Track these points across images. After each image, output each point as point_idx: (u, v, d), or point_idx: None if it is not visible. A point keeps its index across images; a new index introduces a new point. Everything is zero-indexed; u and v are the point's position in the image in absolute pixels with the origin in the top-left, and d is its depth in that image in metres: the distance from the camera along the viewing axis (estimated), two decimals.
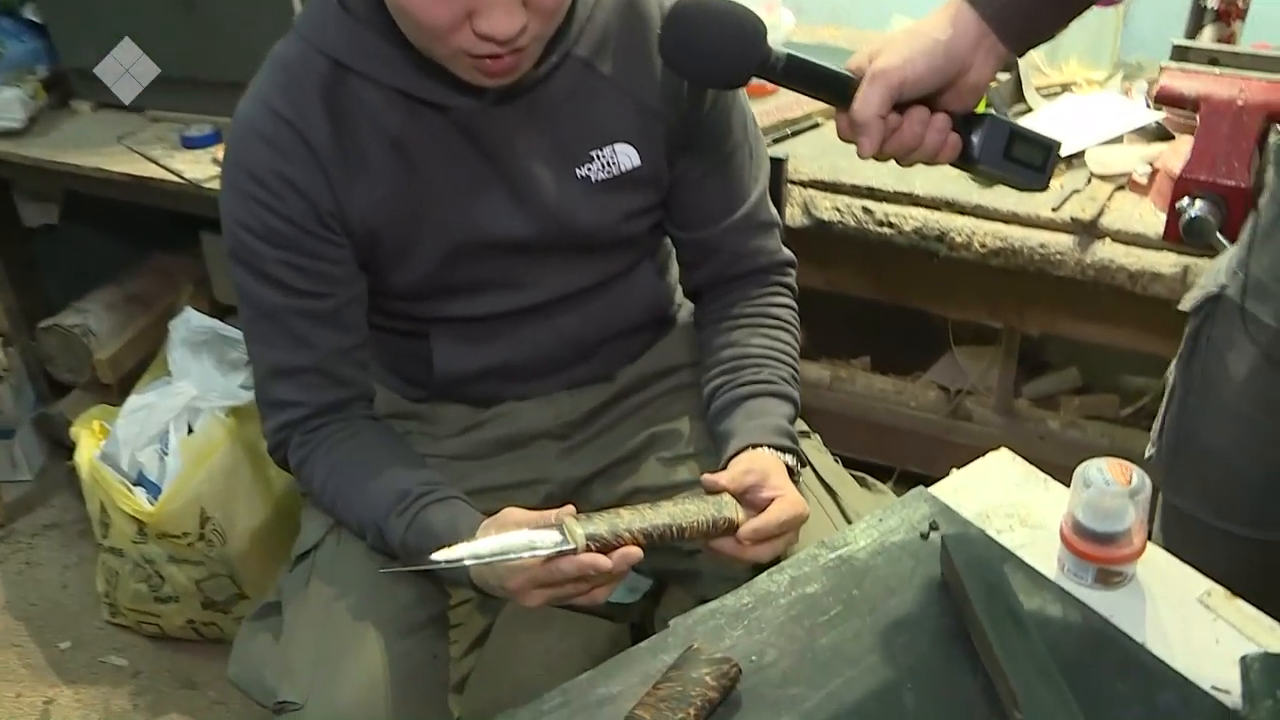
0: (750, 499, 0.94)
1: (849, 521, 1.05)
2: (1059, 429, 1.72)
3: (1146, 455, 1.03)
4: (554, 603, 0.90)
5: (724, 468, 0.99)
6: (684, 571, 1.12)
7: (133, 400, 1.70)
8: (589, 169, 0.99)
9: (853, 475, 1.14)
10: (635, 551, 0.86)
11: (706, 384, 1.09)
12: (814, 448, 1.15)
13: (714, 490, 0.94)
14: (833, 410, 1.81)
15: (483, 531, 0.90)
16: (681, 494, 1.02)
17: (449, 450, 1.12)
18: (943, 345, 1.89)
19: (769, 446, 1.00)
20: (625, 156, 1.00)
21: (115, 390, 1.95)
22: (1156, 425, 1.02)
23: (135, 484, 1.66)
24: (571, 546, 0.84)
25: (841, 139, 0.80)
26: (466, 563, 0.83)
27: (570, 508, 0.88)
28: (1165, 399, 1.01)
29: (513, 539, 0.84)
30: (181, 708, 1.67)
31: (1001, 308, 1.56)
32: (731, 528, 0.92)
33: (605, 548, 0.85)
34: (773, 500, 0.94)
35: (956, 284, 1.55)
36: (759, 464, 0.96)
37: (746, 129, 1.06)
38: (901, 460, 1.83)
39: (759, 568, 0.92)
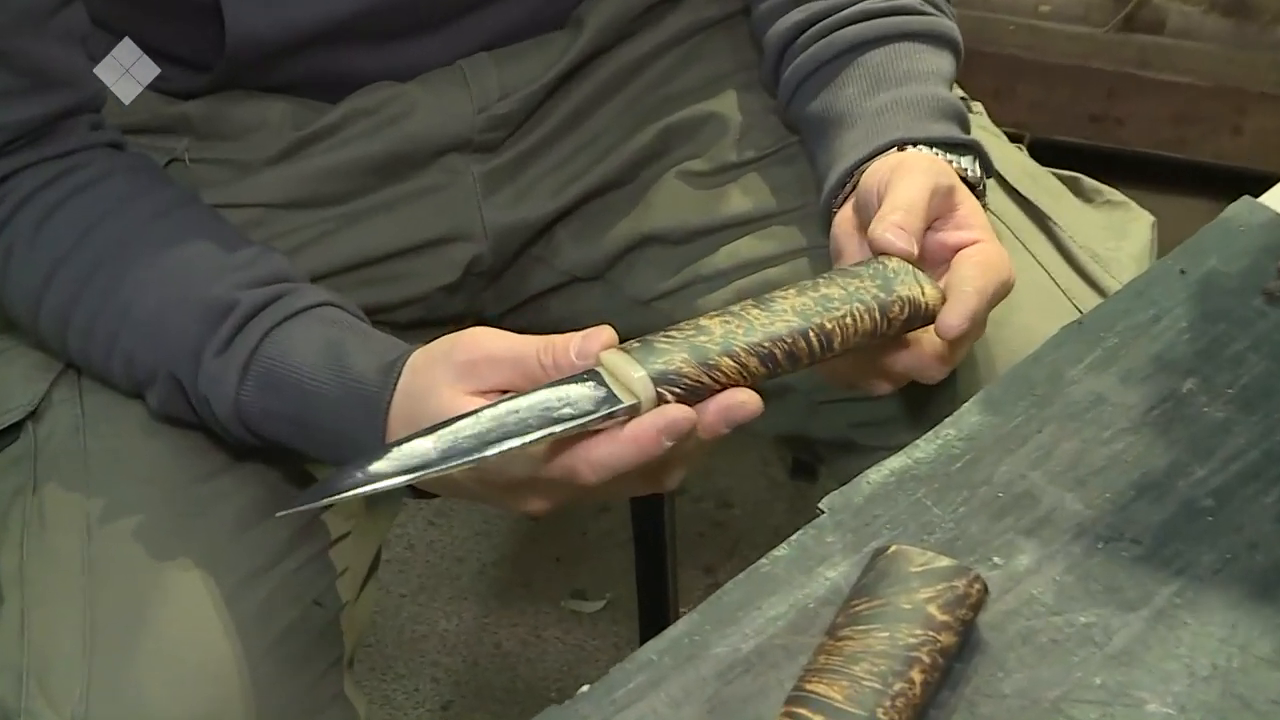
0: (925, 247, 0.88)
1: (1084, 278, 1.00)
2: None
3: None
4: (574, 504, 0.86)
5: (846, 191, 0.94)
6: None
7: None
8: None
9: (1056, 175, 1.09)
10: (751, 400, 0.80)
11: (768, 15, 1.04)
12: (983, 130, 1.09)
13: (881, 247, 0.86)
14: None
15: (416, 379, 0.85)
16: (774, 266, 1.02)
17: (267, 192, 1.04)
18: None
19: (931, 145, 0.93)
20: None
21: None
22: None
23: None
24: (629, 404, 0.77)
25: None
26: (435, 473, 0.76)
27: (607, 332, 0.81)
28: None
29: (520, 407, 0.76)
30: None
31: None
32: (916, 315, 0.84)
33: (688, 393, 0.78)
34: (967, 249, 0.88)
35: None
36: (940, 178, 0.89)
37: None
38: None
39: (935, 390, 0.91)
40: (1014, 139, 1.16)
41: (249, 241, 0.95)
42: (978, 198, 0.92)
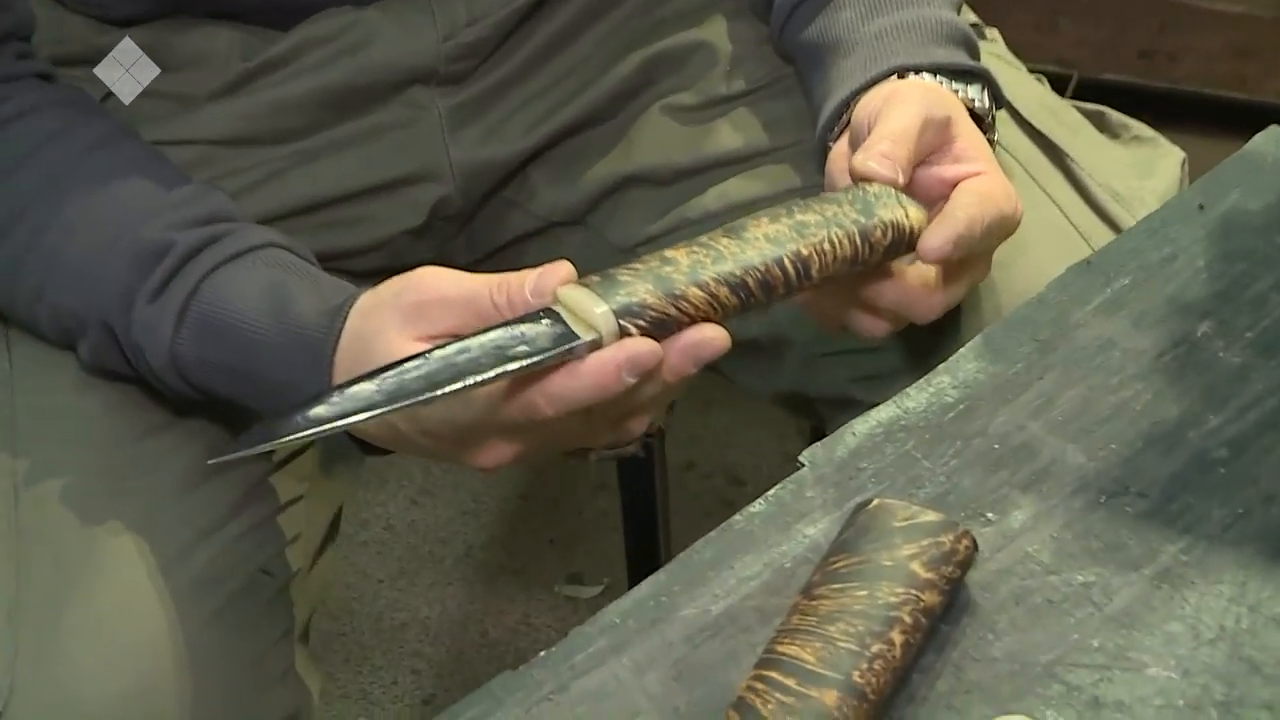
0: (921, 182, 0.88)
1: (1102, 217, 1.00)
2: None
3: None
4: (533, 456, 0.86)
5: (842, 124, 0.93)
6: (740, 344, 1.04)
7: None
8: None
9: (1080, 109, 1.09)
10: (718, 336, 0.80)
11: None
12: (997, 59, 1.09)
13: (863, 175, 0.86)
14: None
15: (363, 323, 0.85)
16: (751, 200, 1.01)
17: (213, 128, 1.04)
18: None
19: (935, 72, 0.93)
20: None
21: None
22: None
23: None
24: (589, 338, 0.77)
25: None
26: (380, 414, 0.75)
27: (565, 267, 0.81)
28: None
29: (471, 346, 0.77)
30: None
31: None
32: (900, 241, 0.84)
33: (655, 327, 0.79)
34: (966, 181, 0.87)
35: None
36: (934, 109, 0.89)
37: None
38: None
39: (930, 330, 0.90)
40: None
41: (188, 179, 0.95)
42: (985, 130, 0.92)
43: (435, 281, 0.83)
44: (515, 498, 1.94)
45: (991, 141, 0.92)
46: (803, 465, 0.75)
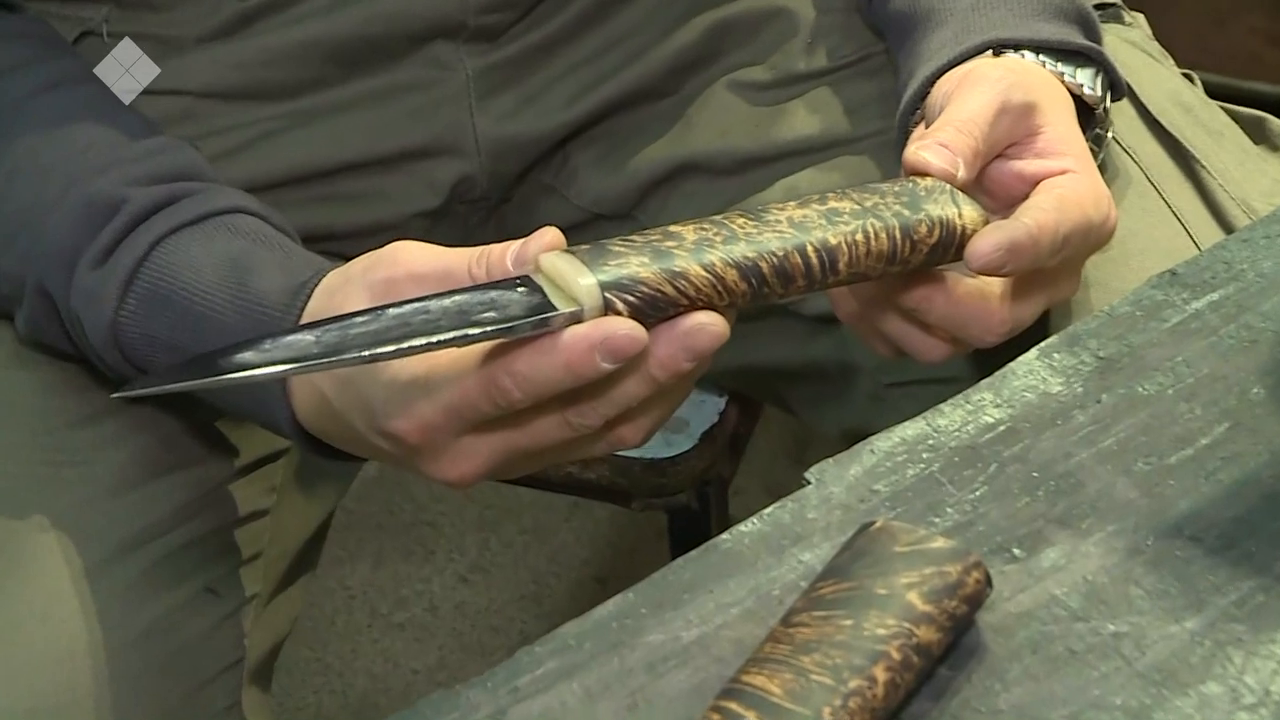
0: (997, 179, 0.93)
1: (1227, 229, 1.04)
2: None
3: None
4: (510, 469, 0.89)
5: (916, 107, 0.99)
6: (802, 370, 1.11)
7: None
8: None
9: (1234, 113, 1.14)
10: (716, 323, 0.82)
11: None
12: (1129, 45, 1.13)
13: (915, 168, 0.90)
14: None
15: (329, 301, 0.90)
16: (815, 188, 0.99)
17: (199, 77, 1.10)
18: None
19: (1037, 50, 0.98)
20: None
21: None
22: None
23: None
24: (568, 310, 0.81)
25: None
26: (314, 367, 0.79)
27: (551, 233, 0.85)
28: None
29: (432, 308, 0.81)
30: None
31: None
32: (949, 242, 0.88)
33: (647, 306, 0.81)
34: (1050, 179, 0.92)
35: None
36: (1014, 93, 0.93)
37: None
38: None
39: (1006, 348, 0.92)
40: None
41: (156, 129, 0.99)
42: (1097, 123, 0.97)
43: (410, 255, 0.87)
44: (589, 580, 1.99)
45: (1102, 136, 0.97)
46: (808, 482, 0.80)
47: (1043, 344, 0.85)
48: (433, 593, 1.98)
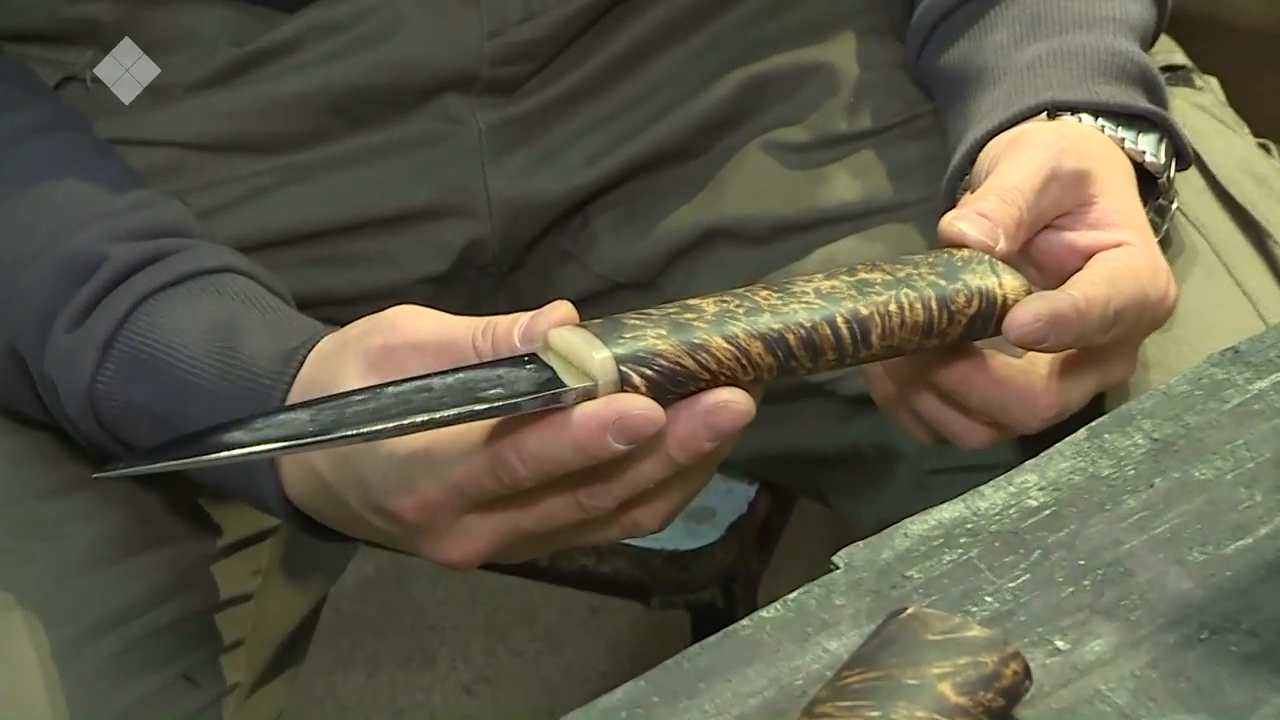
0: (1046, 251, 0.96)
1: None
2: None
3: None
4: (515, 551, 0.91)
5: (964, 173, 1.02)
6: (838, 455, 1.11)
7: None
8: None
9: None
10: (740, 400, 0.84)
11: None
12: (1198, 110, 1.16)
13: (951, 239, 0.93)
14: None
15: (323, 368, 0.92)
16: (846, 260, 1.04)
17: (190, 127, 1.14)
18: None
19: (1096, 113, 1.01)
20: None
21: None
22: None
23: None
24: (581, 386, 0.83)
25: None
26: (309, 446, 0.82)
27: (562, 308, 0.87)
28: None
29: (434, 385, 0.83)
30: None
31: None
32: (989, 314, 0.91)
33: (666, 381, 0.84)
34: (1104, 253, 0.94)
35: None
36: (1066, 158, 0.96)
37: None
38: None
39: (1055, 428, 0.93)
40: None
41: (142, 182, 1.01)
42: (1160, 192, 0.99)
43: (409, 322, 0.89)
44: (605, 692, 1.99)
45: (1165, 207, 1.00)
46: (836, 566, 0.82)
47: (1093, 424, 0.87)
48: (433, 705, 1.99)
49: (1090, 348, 0.92)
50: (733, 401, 0.83)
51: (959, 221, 0.91)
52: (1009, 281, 0.91)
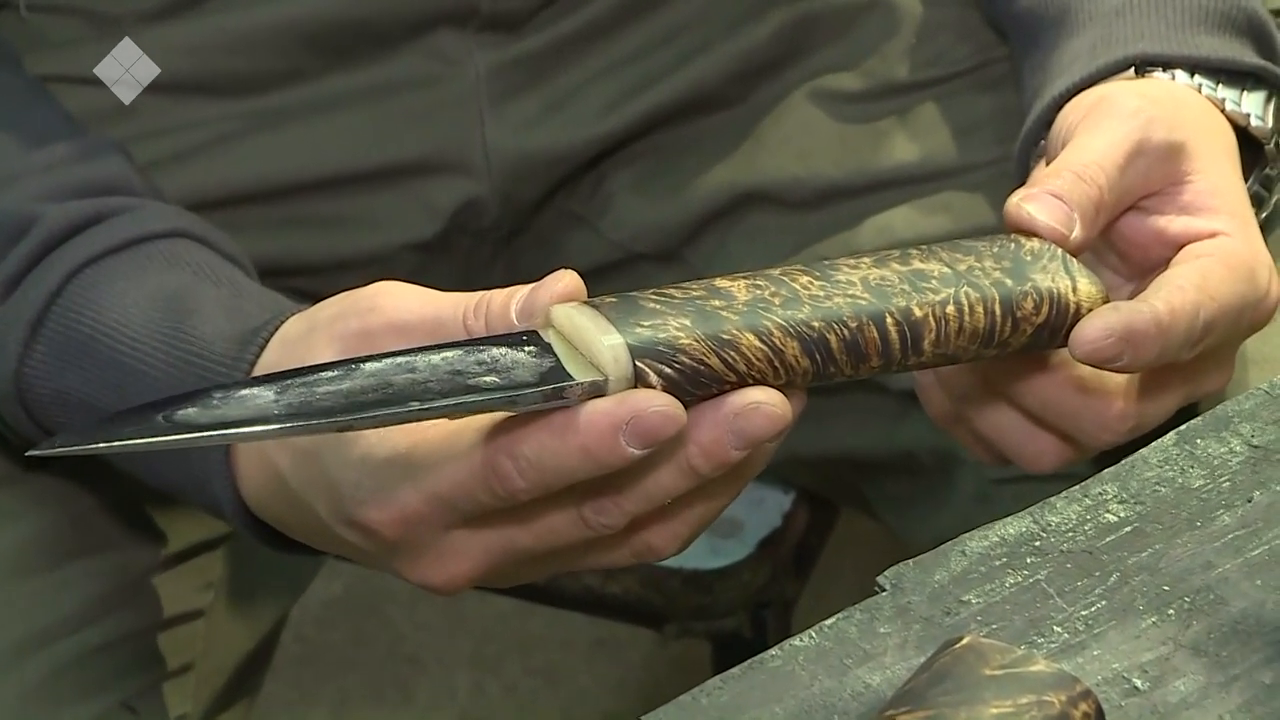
0: (1130, 237, 0.98)
1: None
2: None
3: None
4: (508, 574, 0.93)
5: (1040, 136, 1.03)
6: (889, 461, 1.13)
7: None
8: None
9: None
10: (775, 403, 0.84)
11: None
12: None
13: (1018, 225, 0.94)
14: None
15: (288, 354, 0.93)
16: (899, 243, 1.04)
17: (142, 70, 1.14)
18: None
19: (1193, 69, 1.02)
20: None
21: None
22: None
23: None
24: (588, 380, 0.83)
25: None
26: (272, 433, 0.80)
27: (567, 278, 0.87)
28: None
29: (419, 365, 0.83)
30: None
31: None
32: (1060, 322, 0.92)
33: (687, 382, 0.84)
34: (1195, 244, 0.96)
35: None
36: (1155, 129, 0.97)
37: None
38: None
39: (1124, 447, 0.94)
40: None
41: (79, 129, 1.03)
42: (1267, 162, 1.01)
43: (392, 301, 0.89)
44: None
45: (1272, 179, 1.01)
46: (881, 589, 0.84)
47: (1183, 427, 0.89)
48: None
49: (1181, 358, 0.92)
50: (766, 403, 0.83)
51: (1028, 204, 0.92)
52: (1084, 286, 0.91)
